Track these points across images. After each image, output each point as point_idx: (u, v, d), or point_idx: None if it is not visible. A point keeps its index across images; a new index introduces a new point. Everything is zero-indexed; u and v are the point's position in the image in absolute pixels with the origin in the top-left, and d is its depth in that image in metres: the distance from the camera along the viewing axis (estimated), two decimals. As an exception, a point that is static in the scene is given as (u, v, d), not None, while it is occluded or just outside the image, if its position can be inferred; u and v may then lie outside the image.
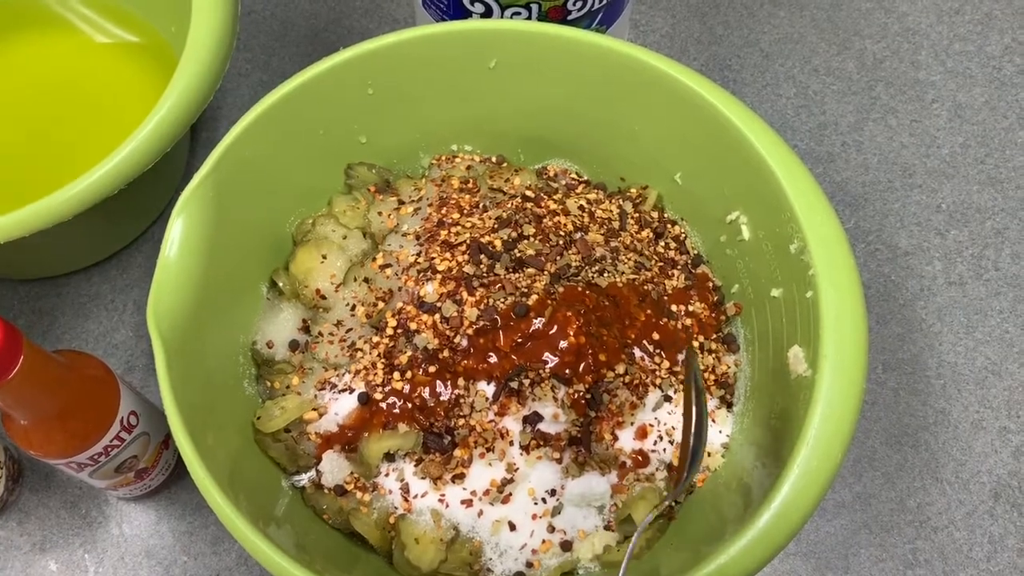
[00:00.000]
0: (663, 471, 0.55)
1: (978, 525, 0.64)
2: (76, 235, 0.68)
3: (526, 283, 0.55)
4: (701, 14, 0.84)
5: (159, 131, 0.58)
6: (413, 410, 0.53)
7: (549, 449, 0.52)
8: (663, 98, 0.58)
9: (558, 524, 0.53)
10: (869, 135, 0.78)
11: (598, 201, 0.63)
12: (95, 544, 0.63)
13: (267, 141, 0.57)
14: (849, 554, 0.63)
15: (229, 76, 0.81)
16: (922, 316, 0.71)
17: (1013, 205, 0.75)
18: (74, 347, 0.69)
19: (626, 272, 0.58)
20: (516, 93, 0.62)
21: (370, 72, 0.59)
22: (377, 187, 0.64)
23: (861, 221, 0.74)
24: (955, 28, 0.83)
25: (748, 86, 0.80)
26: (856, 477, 0.65)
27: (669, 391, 0.55)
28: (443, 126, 0.65)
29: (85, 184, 0.56)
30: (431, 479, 0.53)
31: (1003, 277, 0.72)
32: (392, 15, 0.84)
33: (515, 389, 0.52)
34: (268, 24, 0.84)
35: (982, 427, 0.67)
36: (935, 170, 0.77)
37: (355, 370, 0.55)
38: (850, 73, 0.81)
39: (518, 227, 0.58)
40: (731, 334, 0.59)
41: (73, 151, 0.72)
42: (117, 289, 0.72)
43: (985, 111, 0.79)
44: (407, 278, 0.57)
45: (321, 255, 0.60)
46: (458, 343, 0.53)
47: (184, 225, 0.53)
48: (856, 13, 0.84)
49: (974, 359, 0.69)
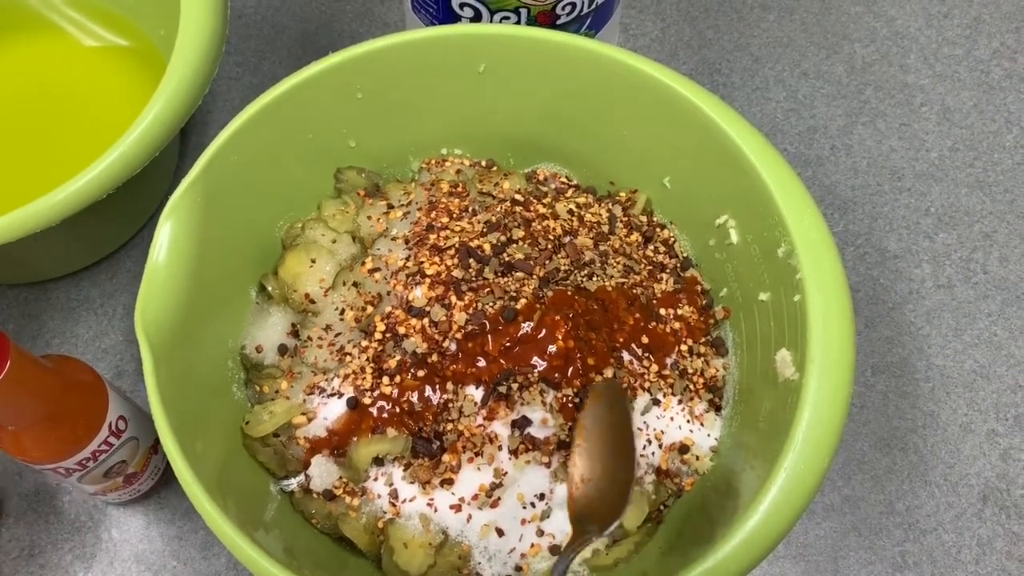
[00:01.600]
0: (652, 475, 0.55)
1: (967, 528, 0.64)
2: (64, 239, 0.67)
3: (515, 287, 0.55)
4: (691, 18, 0.84)
5: (147, 135, 0.58)
6: (402, 414, 0.53)
7: (538, 453, 0.52)
8: (652, 102, 0.58)
9: (547, 528, 0.53)
10: (858, 139, 0.78)
11: (587, 205, 0.63)
12: (84, 549, 0.63)
13: (256, 145, 0.57)
14: (838, 557, 0.63)
15: (219, 80, 0.81)
16: (911, 319, 0.71)
17: (1001, 208, 0.75)
18: (62, 352, 0.69)
19: (615, 276, 0.58)
20: (505, 97, 0.62)
21: (360, 76, 0.59)
22: (366, 191, 0.64)
23: (850, 224, 0.75)
24: (944, 32, 0.83)
25: (738, 90, 0.81)
26: (845, 480, 0.65)
27: (658, 395, 0.55)
28: (432, 130, 0.65)
29: (73, 188, 0.56)
30: (420, 483, 0.52)
31: (991, 280, 0.72)
32: (383, 19, 0.84)
33: (504, 393, 0.52)
34: (258, 28, 0.84)
35: (970, 430, 0.67)
36: (924, 173, 0.77)
37: (344, 374, 0.55)
38: (839, 77, 0.81)
39: (507, 231, 0.58)
40: (720, 338, 0.59)
41: (61, 155, 0.71)
42: (106, 294, 0.72)
43: (973, 115, 0.79)
44: (396, 282, 0.57)
45: (310, 259, 0.60)
46: (447, 347, 0.53)
47: (173, 229, 0.53)
48: (845, 17, 0.84)
49: (963, 362, 0.69)
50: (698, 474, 0.55)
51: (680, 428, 0.55)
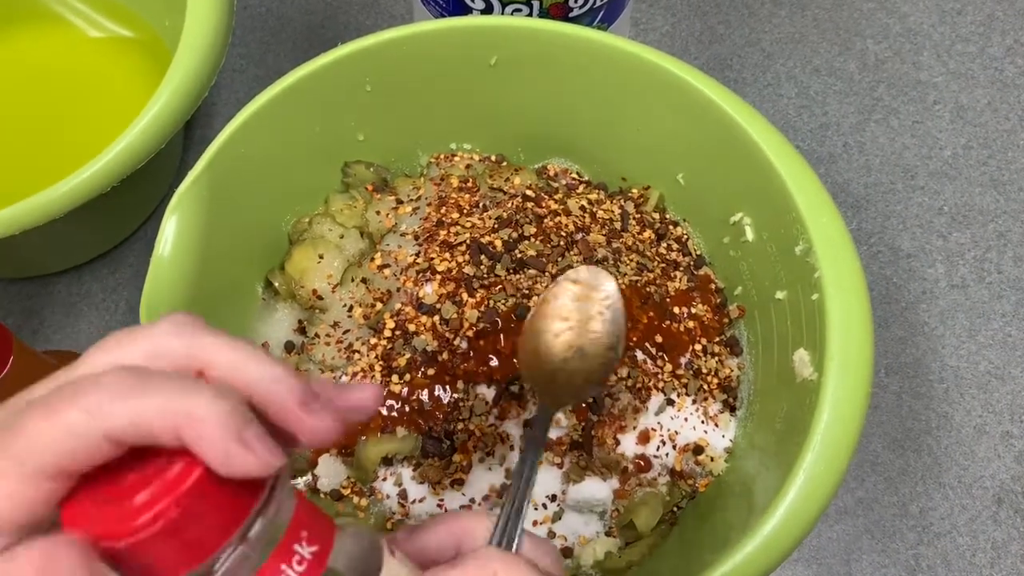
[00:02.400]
0: (665, 476, 0.54)
1: (981, 531, 0.63)
2: (67, 233, 0.66)
3: (527, 284, 0.54)
4: (702, 13, 0.83)
5: (153, 128, 0.57)
6: (412, 413, 0.52)
7: (550, 454, 0.51)
8: (666, 97, 0.57)
9: (559, 530, 0.52)
10: (871, 136, 0.77)
11: (599, 201, 0.62)
12: (85, 548, 0.62)
13: (263, 138, 0.56)
14: (851, 560, 0.62)
15: (224, 72, 0.80)
16: (924, 319, 0.70)
17: (1015, 207, 0.74)
18: (64, 347, 0.68)
19: (628, 274, 0.57)
20: (517, 91, 0.61)
21: (368, 69, 0.58)
22: (375, 186, 0.63)
23: (863, 223, 0.74)
24: (957, 29, 0.82)
25: (749, 86, 0.80)
26: (858, 482, 0.65)
27: (672, 395, 0.54)
28: (442, 124, 0.64)
29: (77, 181, 0.55)
30: (430, 484, 0.52)
31: (1006, 280, 0.71)
32: (390, 11, 0.83)
33: (516, 393, 0.51)
34: (264, 19, 0.83)
35: (985, 431, 0.66)
36: (937, 172, 0.76)
37: (352, 372, 0.54)
38: (852, 73, 0.80)
39: (519, 227, 0.57)
40: (734, 337, 0.59)
41: (65, 147, 0.70)
42: (109, 288, 0.71)
43: (987, 113, 0.78)
44: (406, 279, 0.56)
45: (318, 255, 0.59)
46: (458, 345, 0.52)
47: (178, 223, 0.52)
48: (858, 13, 0.83)
49: (977, 363, 0.68)
50: (712, 475, 0.55)
51: (694, 429, 0.54)
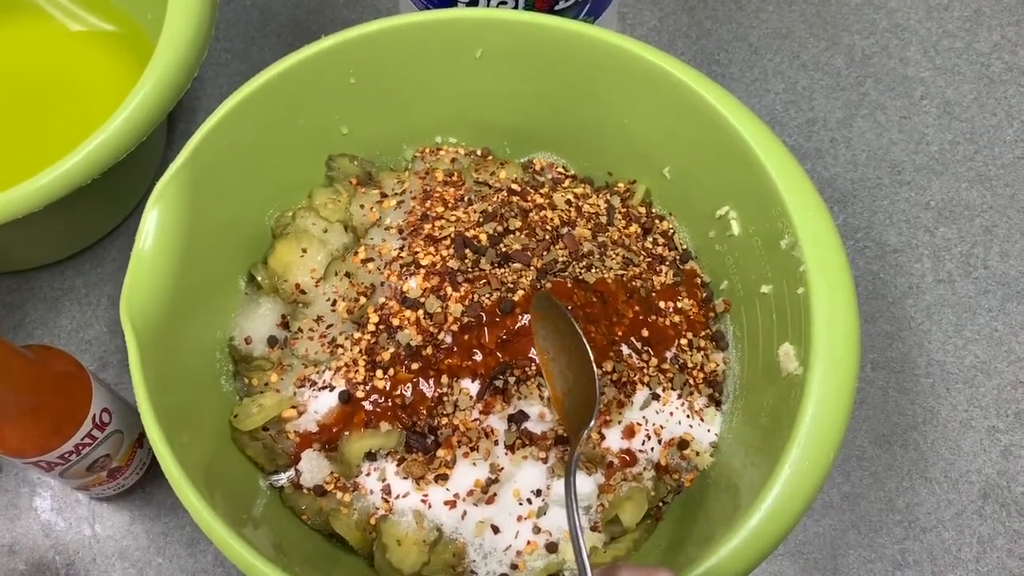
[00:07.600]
0: (651, 471, 0.53)
1: (967, 525, 0.63)
2: (48, 227, 0.66)
3: (512, 278, 0.54)
4: (689, 8, 0.83)
5: (133, 120, 0.56)
6: (395, 408, 0.52)
7: (535, 448, 0.51)
8: (653, 91, 0.57)
9: (543, 525, 0.51)
10: (858, 131, 0.77)
11: (585, 196, 0.61)
12: (66, 545, 0.62)
13: (246, 131, 0.56)
14: (837, 555, 0.62)
15: (207, 66, 0.79)
16: (911, 314, 0.70)
17: (1002, 203, 0.74)
18: (45, 342, 0.68)
19: (614, 268, 0.57)
20: (502, 84, 0.61)
21: (352, 61, 0.58)
22: (359, 179, 0.62)
23: (850, 218, 0.74)
24: (944, 24, 0.82)
25: (736, 81, 0.80)
26: (844, 477, 0.64)
27: (657, 389, 0.54)
28: (427, 117, 0.64)
29: (56, 174, 0.55)
30: (413, 479, 0.51)
31: (992, 275, 0.71)
32: (375, 4, 0.82)
33: (500, 387, 0.51)
34: (248, 13, 0.82)
35: (971, 426, 0.66)
36: (924, 167, 0.76)
37: (336, 367, 0.54)
38: (839, 69, 0.80)
39: (504, 221, 0.57)
40: (720, 331, 0.58)
41: (45, 141, 0.70)
42: (91, 283, 0.70)
43: (974, 108, 0.78)
44: (390, 273, 0.55)
45: (301, 249, 0.58)
46: (442, 340, 0.52)
47: (159, 217, 0.51)
48: (845, 8, 0.83)
49: (963, 358, 0.68)
50: (698, 470, 0.54)
51: (680, 423, 0.54)
